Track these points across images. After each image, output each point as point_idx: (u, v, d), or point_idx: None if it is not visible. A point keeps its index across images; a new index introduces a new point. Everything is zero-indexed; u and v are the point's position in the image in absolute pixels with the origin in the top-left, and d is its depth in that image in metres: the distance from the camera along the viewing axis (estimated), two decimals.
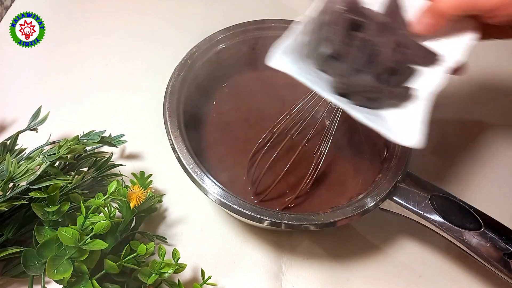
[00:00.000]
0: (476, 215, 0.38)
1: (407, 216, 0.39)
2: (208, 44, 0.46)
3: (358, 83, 0.33)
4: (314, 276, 0.44)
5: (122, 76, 0.57)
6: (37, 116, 0.45)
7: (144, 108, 0.54)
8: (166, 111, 0.41)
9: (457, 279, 0.45)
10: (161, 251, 0.36)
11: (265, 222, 0.36)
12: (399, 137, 0.31)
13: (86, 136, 0.42)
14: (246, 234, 0.46)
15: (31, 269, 0.34)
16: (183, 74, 0.44)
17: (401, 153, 0.41)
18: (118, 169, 0.46)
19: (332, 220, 0.36)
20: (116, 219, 0.36)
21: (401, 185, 0.39)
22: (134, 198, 0.37)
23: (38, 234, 0.36)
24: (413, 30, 0.34)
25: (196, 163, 0.38)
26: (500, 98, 0.60)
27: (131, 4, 0.65)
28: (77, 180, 0.39)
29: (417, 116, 0.32)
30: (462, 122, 0.57)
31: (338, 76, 0.34)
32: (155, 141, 0.49)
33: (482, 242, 0.36)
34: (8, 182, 0.35)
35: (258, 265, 0.44)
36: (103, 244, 0.33)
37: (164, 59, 0.56)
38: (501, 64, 0.64)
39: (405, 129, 0.32)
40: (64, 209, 0.36)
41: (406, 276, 0.44)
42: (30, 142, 0.43)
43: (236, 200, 0.36)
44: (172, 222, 0.46)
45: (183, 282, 0.39)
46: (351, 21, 0.33)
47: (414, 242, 0.47)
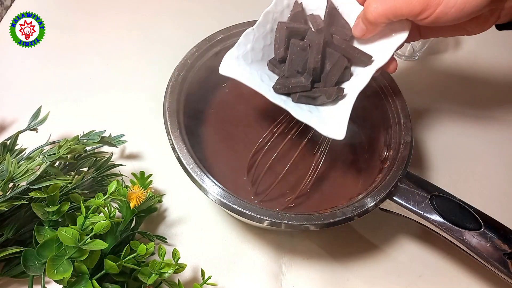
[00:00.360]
0: (476, 215, 0.38)
1: (407, 216, 0.39)
2: (208, 44, 0.46)
3: (295, 84, 0.37)
4: (314, 276, 0.44)
5: (122, 76, 0.57)
6: (37, 116, 0.45)
7: (144, 108, 0.54)
8: (166, 111, 0.41)
9: (457, 279, 0.45)
10: (161, 251, 0.36)
11: (265, 222, 0.36)
12: (327, 131, 0.35)
13: (86, 136, 0.42)
14: (246, 234, 0.46)
15: (31, 269, 0.34)
16: (183, 74, 0.44)
17: (401, 153, 0.41)
18: (118, 169, 0.46)
19: (332, 220, 0.36)
20: (116, 219, 0.36)
21: (401, 185, 0.39)
22: (134, 198, 0.37)
23: (38, 234, 0.36)
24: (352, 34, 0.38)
25: (196, 163, 0.38)
26: (500, 95, 0.60)
27: (131, 4, 0.65)
28: (77, 180, 0.39)
29: (343, 113, 0.36)
30: (462, 122, 0.57)
31: (283, 78, 0.39)
32: (155, 141, 0.49)
33: (482, 242, 0.36)
34: (8, 182, 0.35)
35: (258, 265, 0.44)
36: (103, 244, 0.33)
37: (164, 59, 0.56)
38: (501, 60, 0.64)
39: (332, 124, 0.36)
40: (64, 209, 0.36)
41: (406, 276, 0.44)
42: (30, 142, 0.43)
43: (236, 200, 0.36)
44: (172, 222, 0.46)
45: (183, 282, 0.39)
46: (291, 30, 0.38)
47: (414, 242, 0.47)
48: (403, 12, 0.33)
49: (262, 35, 0.39)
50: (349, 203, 0.38)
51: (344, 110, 0.36)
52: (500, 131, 0.56)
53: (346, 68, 0.38)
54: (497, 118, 0.58)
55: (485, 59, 0.64)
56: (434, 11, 0.32)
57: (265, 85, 0.38)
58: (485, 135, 0.56)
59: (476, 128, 0.57)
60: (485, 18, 0.35)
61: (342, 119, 0.36)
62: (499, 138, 0.56)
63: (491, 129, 0.57)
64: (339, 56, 0.37)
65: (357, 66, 0.39)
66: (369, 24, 0.36)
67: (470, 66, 0.63)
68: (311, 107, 0.38)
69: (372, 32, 0.37)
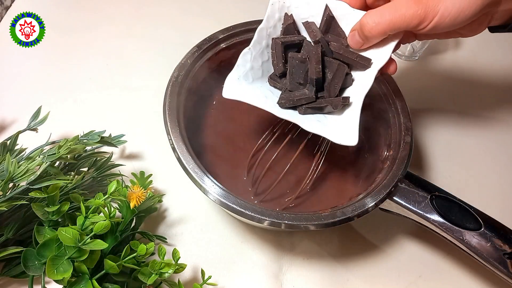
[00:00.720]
0: (476, 215, 0.38)
1: (407, 216, 0.39)
2: (208, 44, 0.46)
3: (300, 96, 0.37)
4: (314, 276, 0.44)
5: (122, 76, 0.57)
6: (37, 116, 0.45)
7: (144, 108, 0.54)
8: (166, 111, 0.41)
9: (457, 279, 0.45)
10: (161, 251, 0.36)
11: (265, 222, 0.36)
12: (339, 139, 0.35)
13: (86, 136, 0.42)
14: (246, 234, 0.46)
15: (31, 269, 0.34)
16: (183, 74, 0.44)
17: (401, 153, 0.41)
18: (118, 169, 0.46)
19: (332, 220, 0.36)
20: (116, 219, 0.36)
21: (401, 185, 0.39)
22: (134, 198, 0.37)
23: (38, 234, 0.36)
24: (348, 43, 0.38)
25: (196, 163, 0.38)
26: (500, 95, 0.60)
27: (131, 4, 0.65)
28: (77, 180, 0.39)
29: (353, 119, 0.36)
30: (462, 121, 0.57)
31: (286, 91, 0.39)
32: (155, 141, 0.49)
33: (482, 242, 0.36)
34: (8, 182, 0.35)
35: (258, 265, 0.44)
36: (103, 244, 0.33)
37: (164, 59, 0.56)
38: (500, 60, 0.64)
39: (343, 132, 0.36)
40: (64, 209, 0.36)
41: (406, 276, 0.44)
42: (30, 142, 0.43)
43: (236, 200, 0.36)
44: (172, 222, 0.46)
45: (183, 282, 0.39)
46: (287, 44, 0.38)
47: (414, 242, 0.47)
48: (400, 26, 0.34)
49: (259, 53, 0.40)
50: (349, 203, 0.38)
51: (353, 116, 0.36)
52: (500, 131, 0.56)
53: (347, 74, 0.38)
54: (497, 118, 0.58)
55: (485, 59, 0.64)
56: (430, 22, 0.33)
57: (270, 101, 0.38)
58: (485, 135, 0.56)
59: (476, 128, 0.57)
60: (479, 22, 0.36)
61: (352, 126, 0.36)
62: (499, 138, 0.56)
63: (491, 129, 0.57)
64: (338, 64, 0.37)
65: (357, 70, 0.39)
66: (366, 39, 0.36)
67: (470, 66, 0.63)
68: (318, 116, 0.39)
69: (368, 45, 0.37)
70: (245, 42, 0.49)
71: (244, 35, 0.48)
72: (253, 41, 0.39)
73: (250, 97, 0.38)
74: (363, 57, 0.37)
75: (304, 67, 0.37)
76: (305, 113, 0.38)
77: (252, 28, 0.48)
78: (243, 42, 0.48)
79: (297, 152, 0.40)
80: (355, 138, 0.35)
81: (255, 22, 0.49)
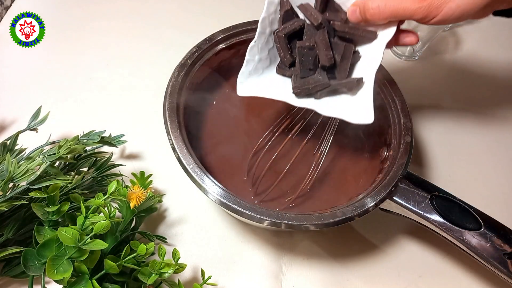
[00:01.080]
0: (476, 215, 0.38)
1: (407, 216, 0.39)
2: (208, 44, 0.46)
3: (315, 83, 0.37)
4: (314, 276, 0.44)
5: (122, 76, 0.57)
6: (37, 116, 0.45)
7: (144, 108, 0.54)
8: (166, 111, 0.41)
9: (457, 279, 0.45)
10: (161, 251, 0.36)
11: (265, 222, 0.36)
12: (356, 119, 0.35)
13: (86, 136, 0.42)
14: (246, 234, 0.46)
15: (31, 269, 0.34)
16: (183, 74, 0.44)
17: (401, 153, 0.41)
18: (118, 169, 0.46)
19: (332, 220, 0.36)
20: (116, 219, 0.36)
21: (401, 185, 0.39)
22: (134, 198, 0.37)
23: (38, 234, 0.36)
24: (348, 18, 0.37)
25: (196, 163, 0.38)
26: (500, 95, 0.60)
27: (131, 4, 0.65)
28: (77, 180, 0.39)
29: (366, 97, 0.36)
30: (462, 121, 0.57)
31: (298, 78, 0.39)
32: (155, 141, 0.49)
33: (482, 242, 0.36)
34: (8, 182, 0.35)
35: (258, 265, 0.44)
36: (103, 244, 0.33)
37: (164, 59, 0.56)
38: (501, 60, 0.64)
39: (359, 111, 0.36)
40: (64, 209, 0.36)
41: (406, 276, 0.44)
42: (30, 142, 0.43)
43: (236, 200, 0.36)
44: (172, 222, 0.46)
45: (183, 282, 0.39)
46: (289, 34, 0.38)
47: (414, 242, 0.47)
48: (403, 16, 0.34)
49: (264, 42, 0.40)
50: (349, 203, 0.38)
51: (367, 94, 0.36)
52: (500, 131, 0.56)
53: (354, 52, 0.38)
54: (497, 118, 0.58)
55: (485, 59, 0.64)
56: (433, 18, 0.33)
57: (284, 91, 0.39)
58: (485, 134, 0.56)
59: (476, 128, 0.57)
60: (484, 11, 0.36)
61: (367, 104, 0.36)
62: (499, 138, 0.56)
63: (491, 128, 0.57)
64: (345, 45, 0.37)
65: (363, 44, 0.38)
66: (367, 20, 0.36)
67: (470, 66, 0.63)
68: (332, 98, 0.39)
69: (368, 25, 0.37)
70: (245, 42, 0.49)
71: (244, 35, 0.48)
72: (257, 32, 0.39)
73: (265, 91, 0.38)
74: (368, 31, 0.37)
75: (313, 53, 0.37)
76: (320, 98, 0.38)
77: (252, 28, 0.48)
78: (243, 42, 0.48)
79: (297, 152, 0.40)
80: (371, 115, 0.35)
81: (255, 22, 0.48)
